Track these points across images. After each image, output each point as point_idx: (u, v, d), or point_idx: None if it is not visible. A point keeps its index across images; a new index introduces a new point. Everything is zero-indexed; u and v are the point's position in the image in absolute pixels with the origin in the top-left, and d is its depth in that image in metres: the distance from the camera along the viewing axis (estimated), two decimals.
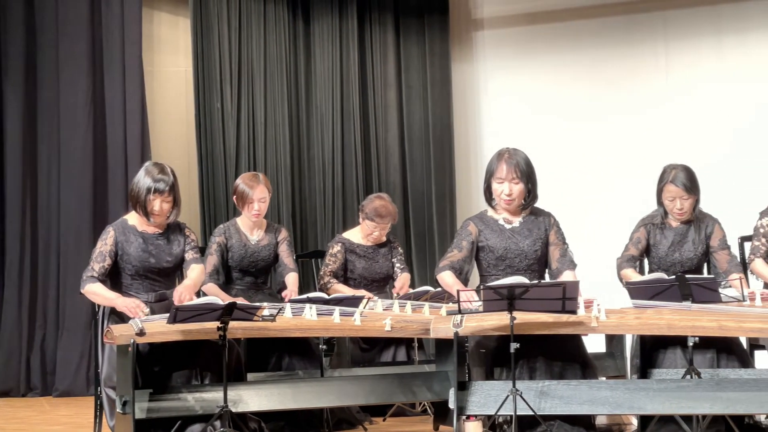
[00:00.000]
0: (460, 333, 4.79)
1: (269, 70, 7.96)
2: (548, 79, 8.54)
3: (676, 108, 8.19)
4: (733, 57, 8.03)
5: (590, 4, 8.44)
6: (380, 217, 6.42)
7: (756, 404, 4.57)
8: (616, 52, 8.35)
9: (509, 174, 5.28)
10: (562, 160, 8.38)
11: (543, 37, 8.58)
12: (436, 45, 8.58)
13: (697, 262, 5.60)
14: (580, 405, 4.72)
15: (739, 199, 7.36)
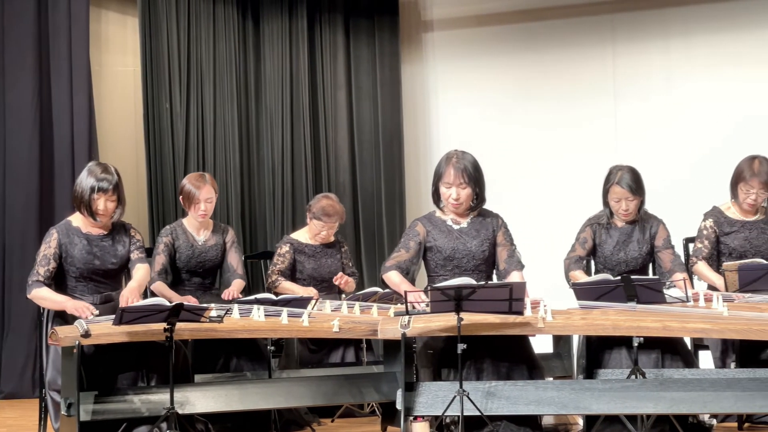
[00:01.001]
0: (407, 334, 4.80)
1: (218, 70, 7.93)
2: (497, 81, 8.58)
3: (624, 110, 8.26)
4: (679, 59, 8.12)
5: (539, 7, 8.49)
6: (327, 216, 6.42)
7: (699, 404, 4.62)
8: (564, 54, 8.41)
9: (457, 178, 5.30)
10: (511, 161, 8.42)
11: (492, 38, 8.62)
12: (385, 46, 8.60)
13: (642, 262, 5.66)
14: (527, 405, 4.75)
15: (685, 200, 7.45)
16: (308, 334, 5.29)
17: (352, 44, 8.55)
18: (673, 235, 5.86)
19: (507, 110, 8.54)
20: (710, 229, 5.83)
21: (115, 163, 5.47)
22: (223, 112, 7.93)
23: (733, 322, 4.63)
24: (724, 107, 7.98)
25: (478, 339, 4.86)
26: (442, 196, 5.37)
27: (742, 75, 7.94)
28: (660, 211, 5.86)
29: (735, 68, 7.95)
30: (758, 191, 5.73)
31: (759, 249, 5.76)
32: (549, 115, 8.42)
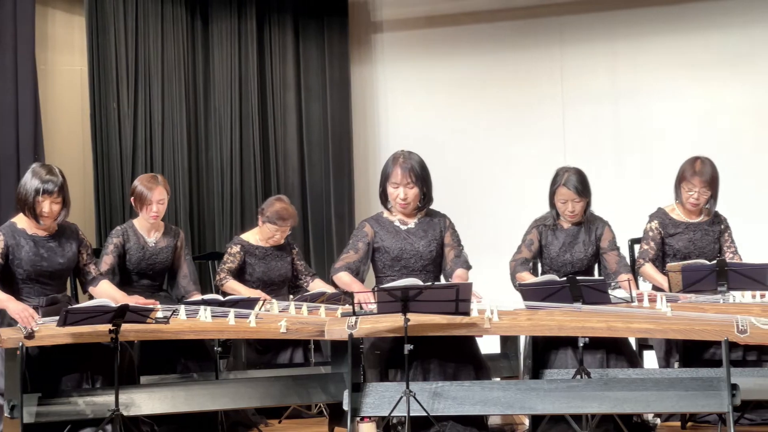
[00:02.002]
0: (354, 335, 4.81)
1: (167, 70, 7.88)
2: (446, 82, 8.61)
3: (571, 112, 8.32)
4: (625, 61, 8.19)
5: (488, 9, 8.53)
6: (282, 220, 6.40)
7: (642, 403, 4.67)
8: (512, 56, 8.46)
9: (404, 178, 5.32)
10: (459, 161, 8.46)
11: (441, 40, 8.65)
12: (335, 47, 8.60)
13: (588, 263, 5.71)
14: (473, 405, 4.78)
15: (630, 202, 7.52)
16: (255, 334, 5.28)
17: (301, 45, 8.54)
18: (619, 236, 5.92)
19: (455, 111, 8.57)
20: (655, 231, 5.89)
21: (62, 163, 5.43)
22: (171, 113, 7.89)
23: (676, 323, 4.69)
24: (671, 109, 8.06)
25: (425, 340, 4.89)
26: (389, 196, 5.39)
27: (689, 77, 8.03)
28: (606, 213, 5.91)
29: (681, 70, 8.03)
30: (700, 190, 5.80)
31: (703, 250, 5.83)
32: (497, 116, 8.47)
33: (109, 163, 7.63)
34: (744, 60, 7.88)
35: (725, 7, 7.93)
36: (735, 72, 7.90)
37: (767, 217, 7.60)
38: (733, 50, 7.90)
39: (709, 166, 5.83)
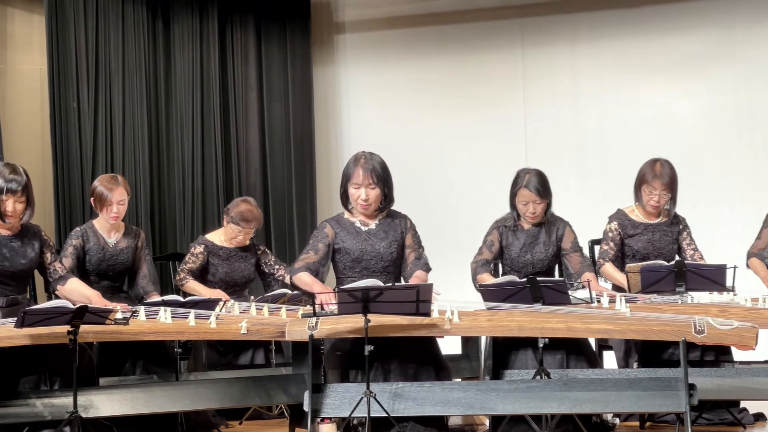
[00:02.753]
0: (315, 335, 4.80)
1: (128, 69, 7.84)
2: (408, 83, 8.62)
3: (532, 113, 8.36)
4: (586, 63, 8.24)
5: (450, 10, 8.55)
6: (246, 221, 6.39)
7: (601, 403, 4.69)
8: (474, 58, 8.48)
9: (366, 179, 5.32)
10: (421, 162, 8.48)
11: (403, 41, 8.66)
12: (297, 47, 8.59)
13: (548, 264, 5.74)
14: (433, 406, 4.78)
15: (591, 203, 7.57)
16: (215, 336, 5.25)
17: (263, 45, 8.52)
18: (579, 237, 5.95)
19: (418, 112, 8.59)
20: (615, 232, 5.93)
21: (21, 163, 5.39)
22: (132, 112, 7.85)
23: (635, 323, 4.72)
24: (631, 111, 8.12)
25: (386, 340, 4.89)
26: (350, 197, 5.39)
27: (649, 79, 8.09)
28: (566, 214, 5.94)
29: (641, 73, 8.10)
30: (660, 193, 5.85)
31: (662, 251, 5.88)
32: (459, 117, 8.49)
33: (69, 163, 7.58)
34: (702, 63, 7.95)
35: (684, 10, 8.00)
36: (694, 75, 7.97)
37: (726, 218, 7.67)
38: (692, 53, 7.97)
39: (669, 168, 5.88)
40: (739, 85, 7.89)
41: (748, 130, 7.87)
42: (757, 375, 5.08)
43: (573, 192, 7.87)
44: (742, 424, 5.44)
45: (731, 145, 7.90)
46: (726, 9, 7.90)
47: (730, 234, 7.12)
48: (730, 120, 7.92)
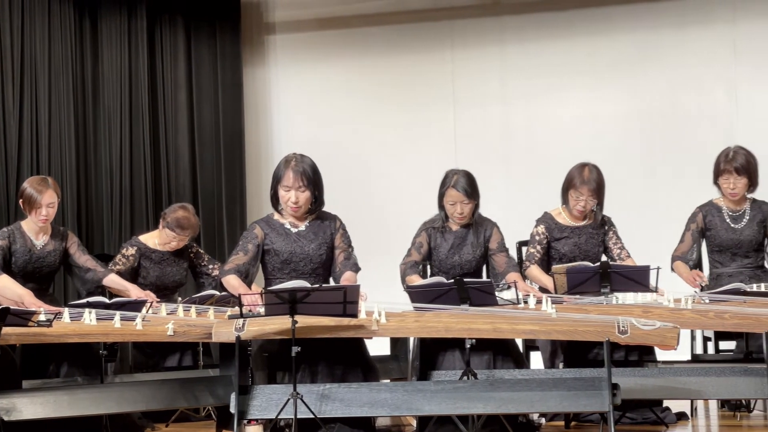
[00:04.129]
0: (242, 337, 4.79)
1: (54, 68, 7.75)
2: (339, 84, 8.63)
3: (462, 114, 8.41)
4: (515, 65, 8.31)
5: (380, 12, 8.57)
6: (181, 228, 6.35)
7: (527, 403, 4.73)
8: (405, 59, 8.51)
9: (296, 182, 5.31)
10: (351, 164, 8.49)
11: (334, 42, 8.67)
12: (227, 48, 8.56)
13: (476, 265, 5.77)
14: (360, 407, 4.78)
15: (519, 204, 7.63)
16: (141, 337, 5.20)
17: (193, 45, 8.48)
18: (508, 238, 6.00)
19: (348, 113, 8.60)
20: (542, 235, 5.98)
21: None
22: (58, 112, 7.76)
23: (560, 324, 4.76)
24: (559, 113, 8.20)
25: (314, 342, 4.88)
26: (280, 199, 5.37)
27: (576, 81, 8.18)
28: (495, 214, 5.98)
29: (569, 75, 8.18)
30: (587, 198, 5.90)
31: (588, 254, 5.94)
32: (389, 118, 8.52)
33: None
34: (629, 66, 8.05)
35: (611, 14, 8.10)
36: (621, 77, 8.07)
37: (653, 220, 7.76)
38: (619, 56, 8.08)
39: (597, 173, 5.93)
40: (665, 87, 8.01)
41: (673, 132, 7.98)
42: (680, 374, 5.14)
43: (501, 193, 7.94)
44: (665, 423, 5.51)
45: (657, 147, 8.01)
46: (653, 13, 8.01)
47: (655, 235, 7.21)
48: (656, 122, 8.03)
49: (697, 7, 7.92)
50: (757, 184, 6.12)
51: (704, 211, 6.18)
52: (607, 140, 7.98)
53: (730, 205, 6.16)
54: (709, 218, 6.15)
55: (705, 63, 7.90)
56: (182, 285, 6.55)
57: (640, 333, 4.64)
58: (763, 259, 6.15)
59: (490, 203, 6.33)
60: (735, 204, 6.15)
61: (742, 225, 6.12)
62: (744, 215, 6.13)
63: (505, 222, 6.08)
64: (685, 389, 5.12)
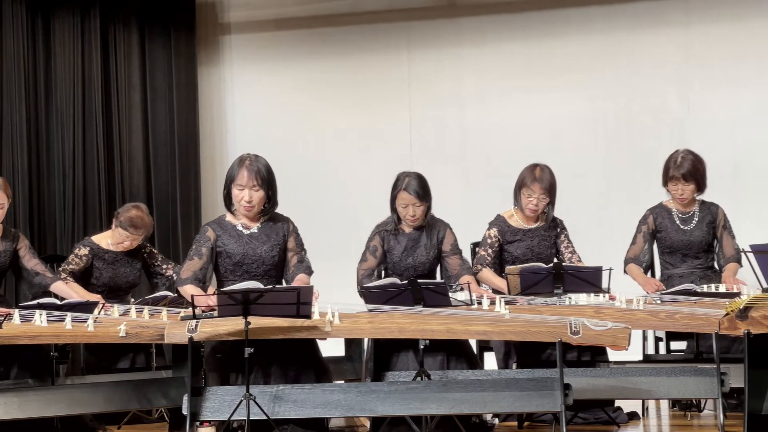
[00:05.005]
0: (194, 338, 4.77)
1: (5, 67, 7.68)
2: (295, 85, 8.62)
3: (418, 116, 8.42)
4: (471, 67, 8.33)
5: (336, 13, 8.57)
6: (134, 227, 6.31)
7: (479, 404, 4.75)
8: (361, 60, 8.51)
9: (250, 181, 5.29)
10: (307, 165, 8.47)
11: (290, 43, 8.65)
12: (182, 48, 8.52)
13: (430, 266, 5.78)
14: (313, 408, 4.79)
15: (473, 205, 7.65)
16: (93, 339, 5.16)
17: (147, 45, 8.43)
18: (463, 239, 6.02)
19: (304, 114, 8.58)
20: (494, 238, 6.01)
21: None
22: (10, 111, 7.68)
23: (513, 325, 4.79)
24: (513, 115, 8.23)
25: (267, 343, 4.87)
26: (234, 198, 5.35)
27: (532, 83, 8.21)
28: (450, 216, 6.00)
29: (524, 77, 8.22)
30: (539, 197, 5.94)
31: (540, 256, 5.97)
32: (345, 120, 8.51)
33: None
34: (584, 68, 8.10)
35: (566, 16, 8.14)
36: (576, 80, 8.12)
37: (608, 222, 7.82)
38: (574, 58, 8.12)
39: (548, 173, 5.98)
40: (620, 90, 8.06)
41: (627, 135, 8.04)
42: (631, 375, 5.19)
43: (457, 194, 7.96)
44: (617, 423, 5.56)
45: (611, 149, 8.07)
46: (607, 16, 8.06)
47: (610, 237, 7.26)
48: (611, 125, 8.08)
49: (650, 11, 7.99)
50: (705, 187, 6.19)
51: (654, 213, 6.25)
52: (563, 142, 8.03)
53: (680, 207, 6.22)
54: (659, 220, 6.21)
55: (658, 66, 7.97)
56: (135, 285, 6.52)
57: (592, 333, 4.67)
58: (712, 260, 6.22)
59: (445, 204, 6.36)
60: (684, 206, 6.21)
61: (692, 226, 6.18)
62: (693, 217, 6.20)
63: (461, 223, 6.10)
64: (637, 389, 5.16)
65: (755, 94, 7.77)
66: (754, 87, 7.77)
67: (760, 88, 7.76)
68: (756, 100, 7.77)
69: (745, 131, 7.77)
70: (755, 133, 7.74)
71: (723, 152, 7.51)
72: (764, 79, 7.76)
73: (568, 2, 8.15)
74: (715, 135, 7.73)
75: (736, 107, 7.82)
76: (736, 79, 7.82)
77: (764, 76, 7.76)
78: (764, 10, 7.76)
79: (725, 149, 7.62)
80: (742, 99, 7.81)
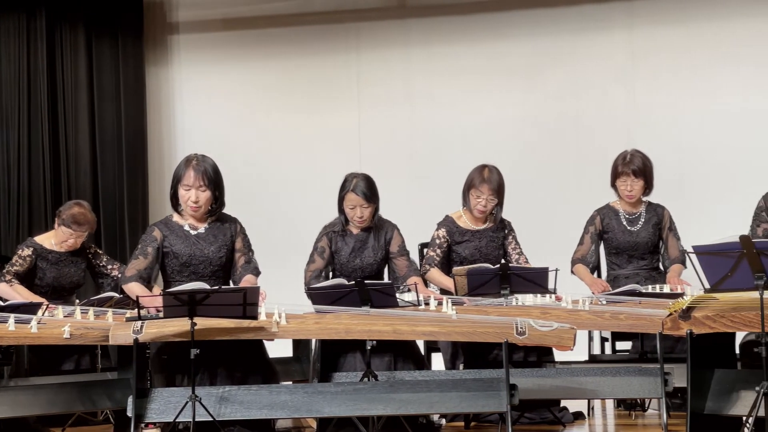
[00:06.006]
0: (140, 339, 4.74)
1: None
2: (243, 85, 8.59)
3: (366, 117, 8.43)
4: (420, 68, 8.35)
5: (285, 13, 8.55)
6: (78, 224, 6.25)
7: (426, 405, 4.76)
8: (310, 61, 8.50)
9: (197, 181, 5.27)
10: (255, 166, 8.45)
11: (239, 43, 8.62)
12: (129, 47, 8.46)
13: (377, 268, 5.79)
14: (260, 410, 4.77)
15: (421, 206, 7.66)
16: (37, 340, 5.11)
17: (94, 45, 8.36)
18: (412, 239, 6.03)
19: (253, 114, 8.56)
20: (442, 239, 6.03)
21: None
22: None
23: (460, 325, 4.81)
24: (462, 116, 8.26)
25: (213, 344, 4.85)
26: (180, 198, 5.33)
27: (479, 85, 8.24)
28: (398, 216, 6.00)
29: (472, 79, 8.25)
30: (487, 198, 5.97)
31: (488, 257, 5.99)
32: (294, 120, 8.50)
33: None
34: (530, 70, 8.15)
35: (512, 18, 8.19)
36: (521, 81, 8.16)
37: (556, 223, 7.86)
38: (520, 60, 8.17)
39: (497, 174, 6.01)
40: (566, 92, 8.12)
41: (574, 136, 8.10)
42: (577, 375, 5.23)
43: (406, 195, 7.97)
44: (562, 423, 5.60)
45: (559, 150, 8.12)
46: (552, 19, 8.12)
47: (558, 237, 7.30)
48: (558, 126, 8.13)
49: (594, 13, 8.05)
50: (652, 187, 6.25)
51: (602, 214, 6.30)
52: (510, 143, 8.07)
53: (627, 207, 6.27)
54: (606, 221, 6.26)
55: (604, 68, 8.04)
56: (80, 286, 6.46)
57: (538, 334, 4.71)
58: (658, 261, 6.29)
59: (394, 205, 6.37)
60: (631, 207, 6.27)
61: (638, 227, 6.23)
62: (640, 218, 6.25)
63: (409, 224, 6.11)
64: (582, 389, 5.21)
65: (699, 96, 7.85)
66: (698, 89, 7.86)
67: (703, 91, 7.84)
68: (700, 102, 7.85)
69: (690, 133, 7.85)
70: (700, 135, 7.82)
71: (668, 153, 7.57)
72: (707, 81, 7.85)
73: (514, 5, 8.19)
74: (660, 136, 7.80)
75: (681, 109, 7.90)
76: (680, 81, 7.90)
77: (707, 78, 7.85)
78: (706, 14, 7.85)
79: (670, 150, 7.69)
80: (686, 101, 7.89)
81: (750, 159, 7.67)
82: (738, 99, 7.78)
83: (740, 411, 4.41)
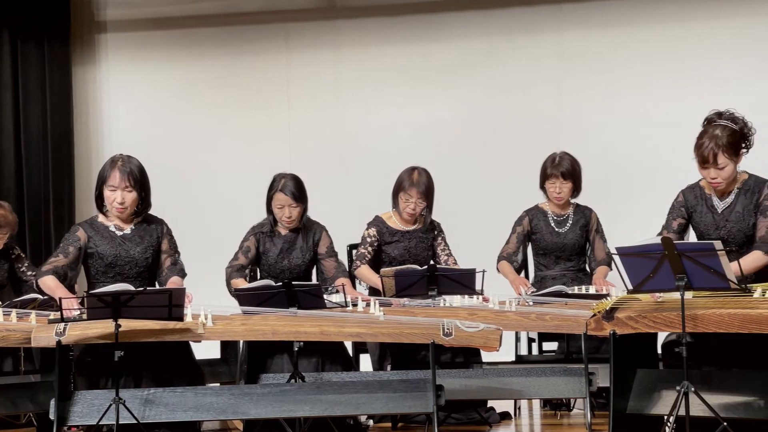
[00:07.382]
0: (63, 341, 4.68)
1: None
2: (172, 85, 8.52)
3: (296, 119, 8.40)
4: (350, 69, 8.35)
5: (214, 13, 8.50)
6: None
7: (353, 406, 4.77)
8: (239, 62, 8.45)
9: (122, 182, 5.23)
10: (184, 167, 8.38)
11: (168, 43, 8.55)
12: (55, 47, 8.34)
13: (306, 269, 5.79)
14: (185, 412, 4.75)
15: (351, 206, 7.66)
16: None
17: (19, 43, 8.23)
18: (340, 240, 6.03)
19: (181, 114, 8.49)
20: (373, 237, 6.05)
21: None
22: None
23: (386, 327, 4.82)
24: (392, 117, 8.26)
25: (138, 346, 4.81)
26: (106, 199, 5.28)
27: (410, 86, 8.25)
28: (327, 217, 6.00)
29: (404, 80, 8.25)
30: (416, 201, 5.99)
31: (417, 258, 6.02)
32: (223, 121, 8.45)
33: None
34: (463, 71, 8.18)
35: (444, 20, 8.22)
36: (454, 83, 8.19)
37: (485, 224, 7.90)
38: (452, 62, 8.19)
39: (426, 177, 6.03)
40: (496, 94, 8.16)
41: (504, 138, 8.14)
42: (503, 375, 5.27)
43: (335, 195, 7.96)
44: (489, 423, 5.63)
45: (489, 152, 8.16)
46: (483, 21, 8.16)
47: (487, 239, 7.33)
48: (488, 128, 8.17)
49: (524, 16, 8.11)
50: (580, 189, 6.32)
51: (530, 215, 6.35)
52: (440, 145, 8.09)
53: (555, 209, 6.33)
54: (534, 222, 6.31)
55: (533, 70, 8.09)
56: (3, 287, 6.35)
57: (464, 335, 4.73)
58: (584, 262, 6.35)
59: (323, 206, 6.37)
60: (560, 208, 6.32)
61: (566, 229, 6.29)
62: (568, 220, 6.31)
63: (339, 225, 6.11)
64: (509, 389, 5.24)
65: (626, 98, 7.94)
66: (625, 92, 7.94)
67: (629, 93, 7.93)
68: (626, 105, 7.94)
69: (617, 136, 7.93)
70: (626, 138, 7.91)
71: (596, 155, 7.64)
72: (634, 84, 7.94)
73: (446, 7, 8.22)
74: (587, 138, 7.87)
75: (608, 112, 7.98)
76: (607, 84, 7.98)
77: (633, 81, 7.94)
78: (632, 19, 7.95)
79: (597, 153, 7.76)
80: (613, 104, 7.97)
81: (672, 159, 7.77)
82: (663, 102, 7.88)
83: (662, 410, 4.46)
